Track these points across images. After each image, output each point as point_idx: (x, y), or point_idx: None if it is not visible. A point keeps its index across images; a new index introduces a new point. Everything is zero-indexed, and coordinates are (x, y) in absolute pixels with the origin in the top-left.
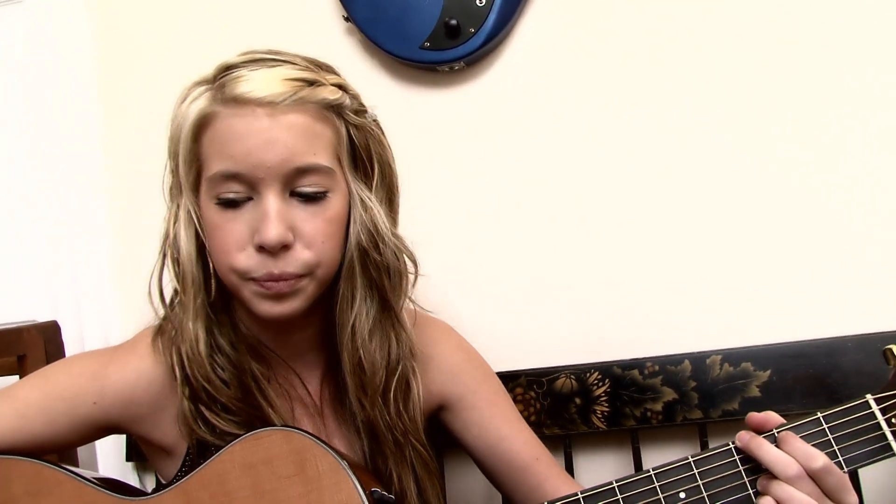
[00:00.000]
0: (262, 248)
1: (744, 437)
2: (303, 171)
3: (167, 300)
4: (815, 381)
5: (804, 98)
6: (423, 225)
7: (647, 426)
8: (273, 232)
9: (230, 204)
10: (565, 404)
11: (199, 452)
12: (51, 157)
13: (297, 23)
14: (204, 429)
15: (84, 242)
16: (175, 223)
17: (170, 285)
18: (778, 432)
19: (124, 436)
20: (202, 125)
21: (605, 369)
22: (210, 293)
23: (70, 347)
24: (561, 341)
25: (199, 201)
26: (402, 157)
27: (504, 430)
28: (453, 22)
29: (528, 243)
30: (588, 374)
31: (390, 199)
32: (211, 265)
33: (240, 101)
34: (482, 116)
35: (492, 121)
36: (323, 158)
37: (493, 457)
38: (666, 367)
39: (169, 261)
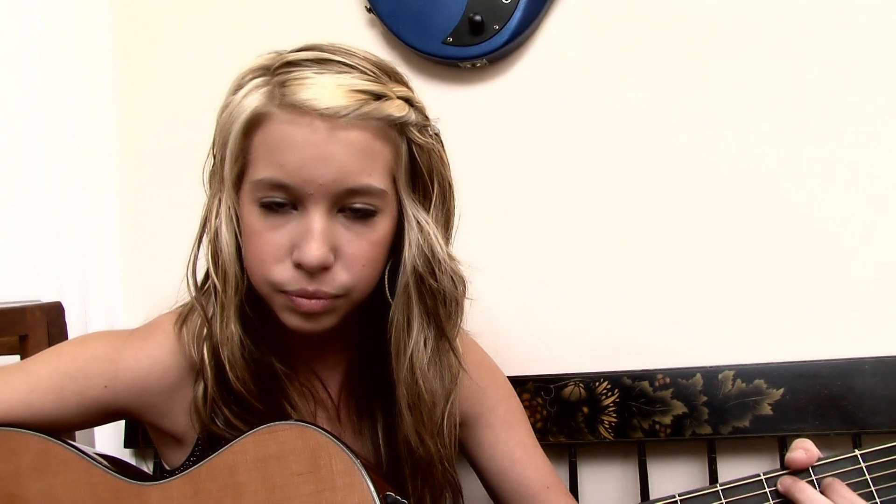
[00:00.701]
0: (300, 266)
1: (785, 482)
2: (354, 192)
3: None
4: (829, 402)
5: (834, 119)
6: None
7: (655, 439)
8: (315, 253)
9: (273, 210)
10: (572, 413)
11: (209, 443)
12: (65, 139)
13: (318, 12)
14: (219, 424)
15: (93, 225)
16: (216, 217)
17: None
18: (822, 478)
19: (123, 421)
20: (255, 123)
21: (615, 379)
22: (244, 291)
23: (73, 329)
24: (571, 348)
25: (239, 199)
26: None
27: (518, 453)
28: (478, 18)
29: (543, 247)
30: (597, 383)
31: (447, 219)
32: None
33: (299, 109)
34: (502, 115)
35: (512, 120)
36: (377, 180)
37: (502, 480)
38: (677, 379)
39: (207, 251)
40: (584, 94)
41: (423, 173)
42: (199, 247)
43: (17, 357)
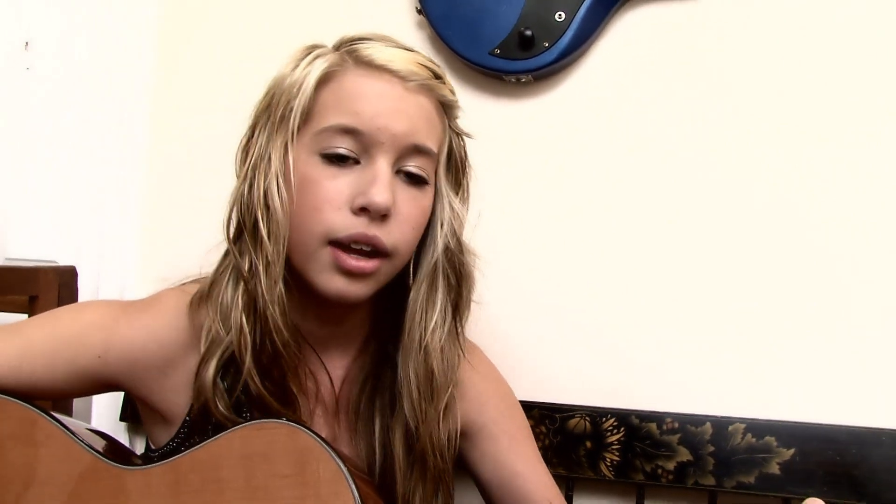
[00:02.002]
0: (362, 211)
1: None
2: (418, 150)
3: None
4: (840, 469)
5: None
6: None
7: (656, 484)
8: (384, 195)
9: (338, 159)
10: (575, 446)
11: (197, 426)
12: (100, 109)
13: (368, 9)
14: (220, 403)
15: (118, 196)
16: (266, 178)
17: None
18: None
19: (122, 394)
20: (326, 79)
21: (623, 417)
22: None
23: (84, 295)
24: (581, 379)
25: (295, 152)
26: None
27: (520, 466)
28: (528, 33)
29: (565, 276)
30: (604, 419)
31: (462, 200)
32: None
33: (374, 66)
34: (541, 136)
35: (549, 142)
36: (434, 146)
37: (504, 493)
38: (686, 425)
39: (251, 216)
40: (626, 125)
41: (457, 161)
42: (230, 219)
43: (25, 316)
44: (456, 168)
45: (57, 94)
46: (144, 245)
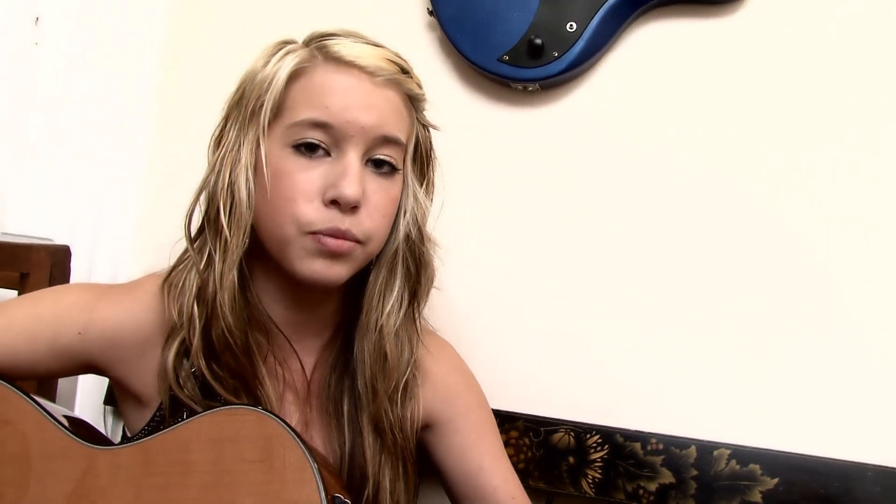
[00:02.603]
0: (333, 203)
1: None
2: (387, 141)
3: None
4: (823, 502)
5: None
6: (454, 233)
7: None
8: (354, 188)
9: (308, 149)
10: (557, 460)
11: (171, 411)
12: (105, 92)
13: (379, 7)
14: (187, 390)
15: (119, 180)
16: (233, 168)
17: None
18: None
19: (107, 378)
20: (296, 74)
21: (608, 434)
22: (248, 245)
23: (76, 275)
24: (567, 394)
25: (267, 146)
26: (451, 162)
27: (486, 461)
28: (538, 41)
29: (560, 287)
30: (588, 435)
31: (427, 192)
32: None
33: (343, 62)
34: (543, 146)
35: (551, 154)
36: (403, 138)
37: (468, 487)
38: (670, 447)
39: (214, 206)
40: (632, 141)
41: (423, 154)
42: (196, 203)
43: (15, 292)
44: (422, 159)
45: (63, 72)
46: (141, 231)
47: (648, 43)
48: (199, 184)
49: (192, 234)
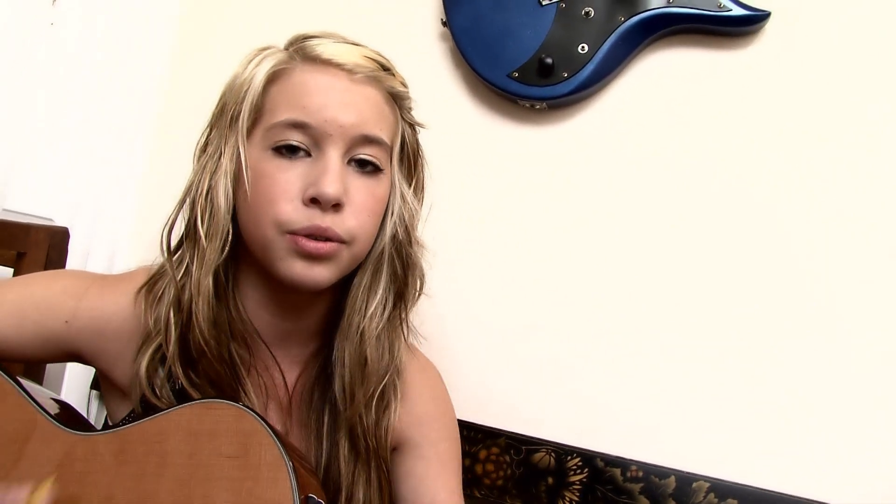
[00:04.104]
0: (313, 202)
1: None
2: (368, 140)
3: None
4: None
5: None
6: (444, 243)
7: None
8: (334, 186)
9: (288, 151)
10: (536, 480)
11: (152, 403)
12: (115, 79)
13: (394, 14)
14: (161, 395)
15: (121, 164)
16: (213, 175)
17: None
18: None
19: None
20: (274, 77)
21: (588, 458)
22: (227, 254)
23: (72, 259)
24: (549, 414)
25: (247, 150)
26: (453, 174)
27: (442, 495)
28: (548, 60)
29: (549, 310)
30: (569, 457)
31: (416, 193)
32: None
33: (320, 61)
34: (546, 164)
35: (553, 172)
36: (385, 135)
37: None
38: (650, 476)
39: (193, 213)
40: (634, 168)
41: (410, 154)
42: (179, 210)
43: (11, 271)
44: (409, 158)
45: (75, 55)
46: (140, 218)
47: (658, 70)
48: (181, 194)
49: (172, 247)
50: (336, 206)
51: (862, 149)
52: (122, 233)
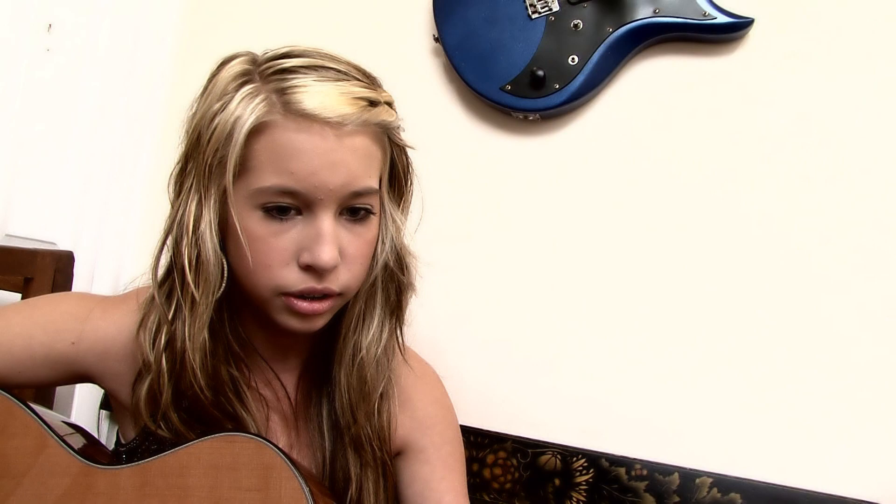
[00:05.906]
0: (308, 268)
1: None
2: (358, 194)
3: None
4: None
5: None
6: (442, 252)
7: None
8: (330, 254)
9: (276, 216)
10: (543, 482)
11: (152, 433)
12: (114, 102)
13: (386, 31)
14: (163, 427)
15: (123, 185)
16: (198, 221)
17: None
18: None
19: None
20: (257, 131)
21: (593, 458)
22: (219, 298)
23: (78, 282)
24: (554, 416)
25: (234, 205)
26: (450, 185)
27: (448, 498)
28: (540, 73)
29: (548, 310)
30: (574, 459)
31: (403, 211)
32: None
33: (307, 117)
34: (542, 174)
35: (547, 181)
36: (374, 181)
37: None
38: (654, 473)
39: (179, 255)
40: (628, 174)
41: (400, 173)
42: (162, 245)
43: (19, 296)
44: (399, 181)
45: (73, 79)
46: (144, 237)
47: (647, 78)
48: (164, 227)
49: (160, 278)
50: (333, 268)
51: (848, 151)
52: (126, 254)
